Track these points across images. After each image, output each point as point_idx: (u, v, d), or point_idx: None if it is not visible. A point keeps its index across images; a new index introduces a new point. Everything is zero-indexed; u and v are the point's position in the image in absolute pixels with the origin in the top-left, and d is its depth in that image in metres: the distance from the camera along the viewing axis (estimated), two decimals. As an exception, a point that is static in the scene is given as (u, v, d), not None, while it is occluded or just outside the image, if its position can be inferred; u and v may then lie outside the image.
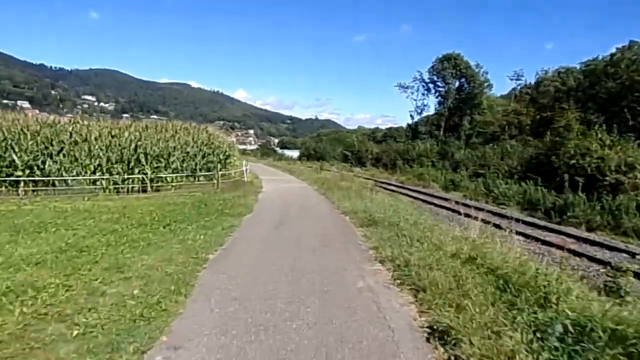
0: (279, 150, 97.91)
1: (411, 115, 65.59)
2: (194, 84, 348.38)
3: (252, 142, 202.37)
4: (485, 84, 57.81)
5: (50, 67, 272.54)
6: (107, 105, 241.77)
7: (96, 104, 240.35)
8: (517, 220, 16.17)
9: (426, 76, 62.76)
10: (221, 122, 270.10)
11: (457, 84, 60.15)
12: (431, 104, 66.97)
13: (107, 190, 17.26)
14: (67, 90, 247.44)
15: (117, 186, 17.60)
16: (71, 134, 17.98)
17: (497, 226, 12.23)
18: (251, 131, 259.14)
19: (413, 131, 63.59)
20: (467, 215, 9.73)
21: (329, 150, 62.12)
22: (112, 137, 18.06)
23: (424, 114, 65.27)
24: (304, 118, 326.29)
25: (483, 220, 9.03)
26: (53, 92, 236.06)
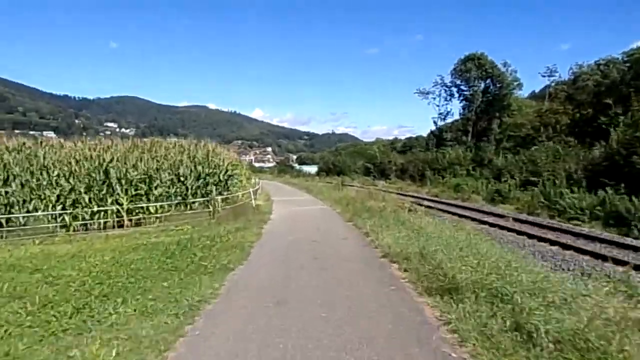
0: (297, 167, 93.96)
1: (434, 122, 60.80)
2: (212, 106, 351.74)
3: (271, 160, 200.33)
4: (515, 83, 52.68)
5: (74, 97, 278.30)
6: (127, 130, 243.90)
7: (118, 130, 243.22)
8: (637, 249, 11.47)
9: (448, 80, 58.22)
10: (239, 142, 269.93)
11: (482, 85, 55.26)
12: (455, 110, 62.14)
13: (72, 228, 13.21)
14: (89, 118, 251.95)
15: (85, 222, 13.56)
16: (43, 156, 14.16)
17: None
18: (269, 149, 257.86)
19: (437, 138, 58.69)
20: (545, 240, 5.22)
21: (349, 163, 57.65)
22: (78, 160, 14.02)
23: (448, 120, 60.64)
24: (321, 133, 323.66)
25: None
26: (77, 121, 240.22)
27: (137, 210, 14.17)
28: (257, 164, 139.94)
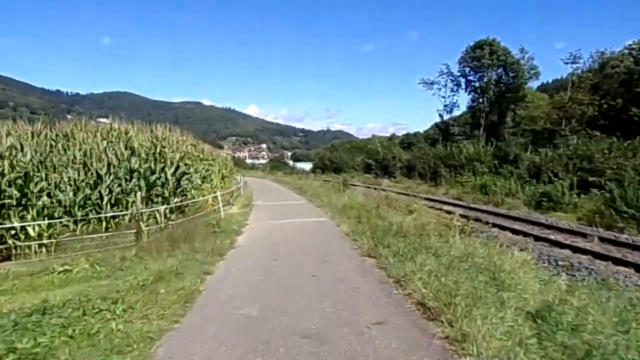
0: (291, 163, 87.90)
1: (440, 115, 54.99)
2: (207, 102, 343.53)
3: (265, 156, 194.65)
4: (532, 72, 46.86)
5: (66, 92, 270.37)
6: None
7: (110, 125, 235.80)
8: None
9: (455, 69, 52.40)
10: (234, 138, 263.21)
11: (493, 75, 49.39)
12: (461, 101, 56.00)
13: None
14: (81, 114, 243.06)
15: None
16: None
17: None
18: (264, 145, 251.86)
19: (443, 132, 52.92)
20: None
21: (347, 160, 51.68)
22: None
23: (454, 113, 54.84)
24: (316, 130, 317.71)
25: None
26: (69, 116, 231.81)
27: (7, 233, 8.14)
28: (251, 161, 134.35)
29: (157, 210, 9.33)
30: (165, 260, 7.49)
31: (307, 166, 64.83)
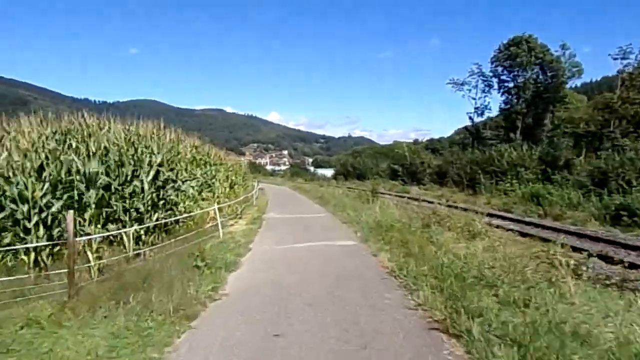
0: (312, 169, 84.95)
1: (470, 118, 51.02)
2: (229, 109, 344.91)
3: (286, 163, 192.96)
4: (575, 69, 42.52)
5: (94, 100, 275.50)
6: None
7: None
8: None
9: (487, 69, 48.45)
10: (255, 145, 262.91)
11: (528, 74, 45.20)
12: (493, 104, 51.48)
13: None
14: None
15: None
16: None
17: None
18: (285, 152, 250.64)
19: (473, 136, 48.93)
20: None
21: (371, 165, 48.28)
22: None
23: (483, 115, 50.69)
24: (337, 136, 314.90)
25: None
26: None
27: None
28: (271, 167, 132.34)
29: (74, 244, 6.16)
30: (99, 324, 4.43)
31: (329, 172, 61.68)
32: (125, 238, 7.54)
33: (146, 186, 8.36)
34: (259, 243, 9.51)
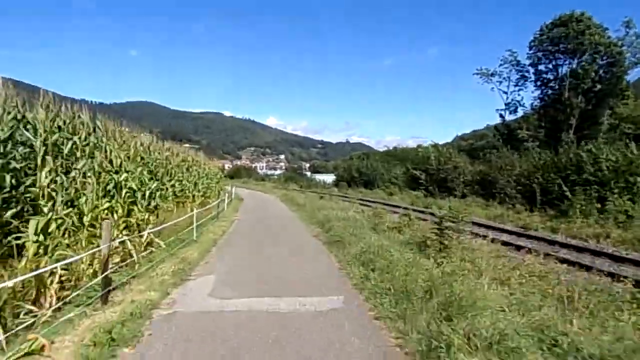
0: (308, 174, 74.77)
1: (501, 115, 41.32)
2: (227, 113, 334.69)
3: (283, 167, 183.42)
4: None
5: (91, 101, 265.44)
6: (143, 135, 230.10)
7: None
8: None
9: (523, 57, 38.75)
10: (252, 149, 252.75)
11: (575, 61, 35.54)
12: (526, 98, 41.50)
13: None
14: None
15: None
16: None
17: None
18: (282, 156, 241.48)
19: (506, 137, 39.16)
20: None
21: (381, 170, 38.34)
22: None
23: (519, 112, 40.93)
24: (334, 142, 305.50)
25: None
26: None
27: None
28: (264, 171, 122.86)
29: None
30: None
31: (329, 178, 51.42)
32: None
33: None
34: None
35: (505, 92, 40.76)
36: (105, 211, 7.02)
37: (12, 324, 3.83)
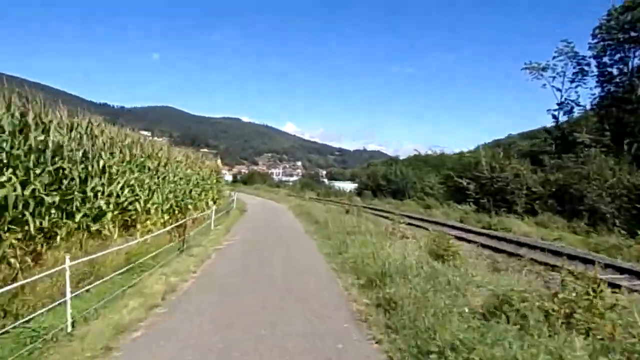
0: (326, 182, 69.06)
1: (554, 116, 34.83)
2: (245, 118, 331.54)
3: (300, 174, 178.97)
4: None
5: (112, 105, 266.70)
6: (159, 139, 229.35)
7: (150, 138, 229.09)
8: None
9: (584, 49, 32.37)
10: (269, 155, 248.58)
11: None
12: (582, 93, 34.43)
13: None
14: (124, 126, 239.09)
15: None
16: None
17: None
18: (299, 163, 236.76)
19: (561, 141, 32.73)
20: None
21: (413, 179, 32.36)
22: None
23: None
24: (352, 149, 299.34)
25: None
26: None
27: None
28: (279, 177, 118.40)
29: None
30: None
31: (349, 186, 45.57)
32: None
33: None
34: None
35: (559, 90, 34.42)
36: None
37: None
